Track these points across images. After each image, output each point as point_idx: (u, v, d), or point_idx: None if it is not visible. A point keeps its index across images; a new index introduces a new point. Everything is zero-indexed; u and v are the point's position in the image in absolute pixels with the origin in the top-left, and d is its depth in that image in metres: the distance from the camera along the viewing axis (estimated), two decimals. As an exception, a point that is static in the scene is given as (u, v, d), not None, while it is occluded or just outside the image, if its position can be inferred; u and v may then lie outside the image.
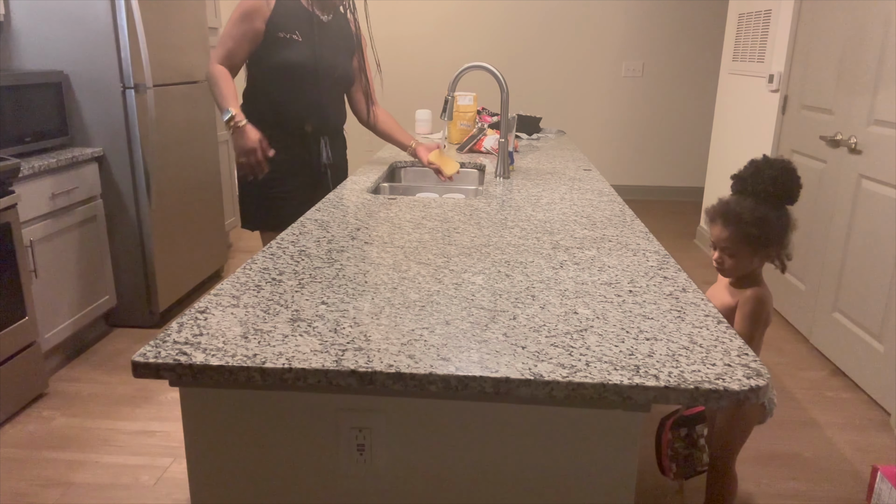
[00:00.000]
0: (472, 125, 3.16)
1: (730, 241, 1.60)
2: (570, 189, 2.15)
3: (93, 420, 2.39)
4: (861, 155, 2.72)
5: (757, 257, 1.61)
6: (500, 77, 2.27)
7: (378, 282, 1.25)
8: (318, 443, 1.00)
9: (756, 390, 0.88)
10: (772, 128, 3.53)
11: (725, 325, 1.08)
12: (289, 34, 2.15)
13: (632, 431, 0.96)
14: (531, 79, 5.85)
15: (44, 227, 2.59)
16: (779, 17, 3.52)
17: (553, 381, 0.89)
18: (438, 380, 0.91)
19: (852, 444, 2.31)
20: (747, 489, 2.06)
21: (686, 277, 1.31)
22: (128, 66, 2.85)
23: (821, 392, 2.66)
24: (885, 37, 2.59)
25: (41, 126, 2.71)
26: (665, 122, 5.91)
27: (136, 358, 0.94)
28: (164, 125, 3.12)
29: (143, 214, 3.02)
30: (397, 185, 2.50)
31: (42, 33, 2.80)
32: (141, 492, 2.02)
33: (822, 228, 3.01)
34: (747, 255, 1.60)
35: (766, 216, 1.57)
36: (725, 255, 1.62)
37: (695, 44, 5.69)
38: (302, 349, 0.97)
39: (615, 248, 1.50)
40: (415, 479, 1.01)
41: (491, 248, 1.49)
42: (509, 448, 0.98)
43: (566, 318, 1.09)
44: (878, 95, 2.62)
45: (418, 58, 5.86)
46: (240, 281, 1.25)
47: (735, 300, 1.63)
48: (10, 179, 2.35)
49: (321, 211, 1.81)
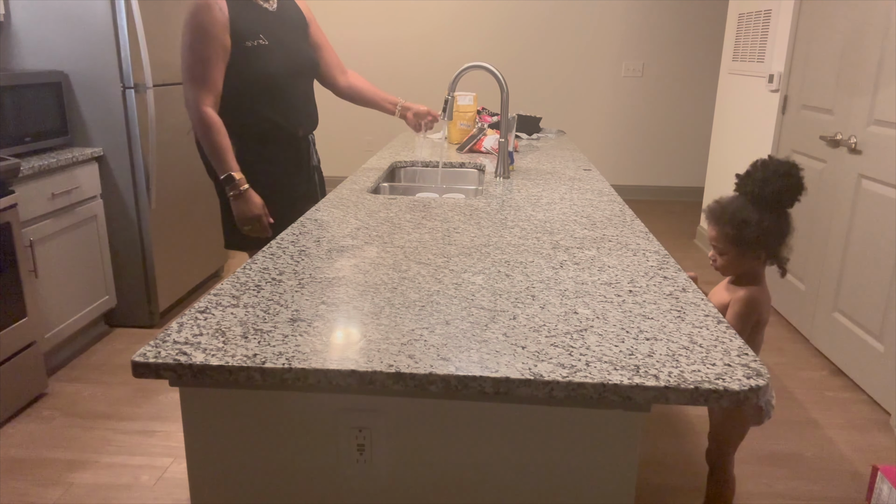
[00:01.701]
0: (472, 125, 3.16)
1: (717, 240, 1.64)
2: (570, 189, 2.15)
3: (93, 420, 2.39)
4: (861, 155, 2.72)
5: (747, 257, 1.61)
6: (500, 77, 2.27)
7: (378, 282, 1.25)
8: (318, 443, 1.00)
9: (756, 390, 0.88)
10: (772, 128, 3.53)
11: (725, 325, 1.08)
12: (255, 41, 1.96)
13: (632, 431, 0.96)
14: (531, 79, 5.85)
15: (44, 227, 2.59)
16: (779, 17, 3.52)
17: (553, 381, 0.89)
18: (438, 380, 0.91)
19: (852, 444, 2.31)
20: (747, 489, 2.06)
21: (686, 277, 1.31)
22: (128, 66, 2.85)
23: (821, 392, 2.66)
24: (885, 37, 2.59)
25: (41, 126, 2.71)
26: (665, 122, 5.90)
27: (136, 358, 0.94)
28: (164, 125, 3.12)
29: (143, 214, 3.02)
30: (397, 185, 2.50)
31: (42, 33, 2.80)
32: (141, 492, 2.02)
33: (822, 228, 3.01)
34: (735, 255, 1.62)
35: (746, 217, 1.58)
36: (717, 254, 1.65)
37: (695, 44, 5.69)
38: (302, 349, 0.97)
39: (615, 248, 1.50)
40: (415, 479, 1.01)
41: (491, 248, 1.49)
42: (509, 448, 0.98)
43: (566, 318, 1.09)
44: (878, 95, 2.62)
45: (418, 58, 5.85)
46: (240, 281, 1.25)
47: (730, 298, 1.63)
48: (10, 179, 2.35)
49: (321, 211, 1.81)
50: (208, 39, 1.87)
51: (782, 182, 1.56)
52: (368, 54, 5.83)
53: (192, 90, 1.89)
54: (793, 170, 1.58)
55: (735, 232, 1.59)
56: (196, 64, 1.88)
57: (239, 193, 1.96)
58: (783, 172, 1.57)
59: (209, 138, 1.92)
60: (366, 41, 5.83)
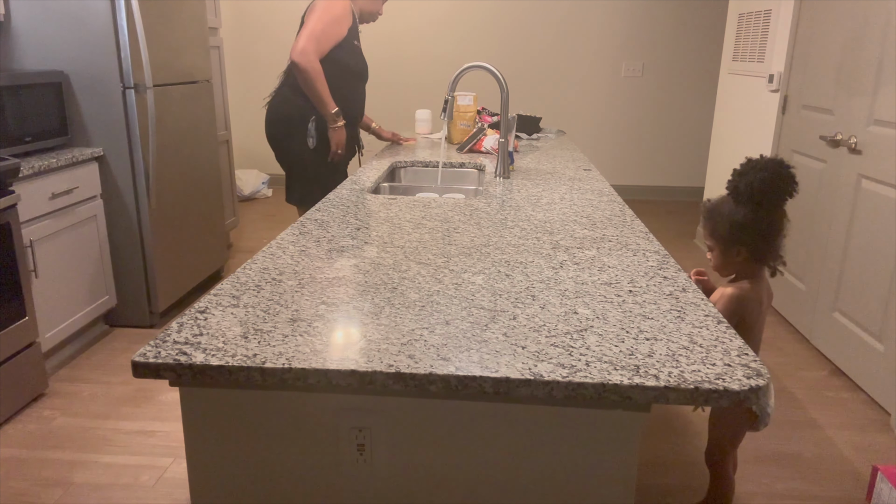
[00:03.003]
0: (472, 125, 3.16)
1: (705, 236, 1.67)
2: (570, 189, 2.15)
3: (93, 420, 2.39)
4: (861, 155, 2.72)
5: (731, 254, 1.62)
6: (500, 77, 2.27)
7: (378, 282, 1.25)
8: (318, 443, 1.00)
9: (756, 390, 0.88)
10: (772, 128, 3.53)
11: (725, 325, 1.08)
12: (357, 41, 2.67)
13: (632, 431, 0.96)
14: (531, 79, 5.85)
15: (44, 227, 2.59)
16: (779, 17, 3.52)
17: (553, 381, 0.89)
18: (438, 380, 0.91)
19: (852, 444, 2.31)
20: (747, 489, 2.06)
21: (686, 277, 1.31)
22: (128, 66, 2.85)
23: (821, 392, 2.66)
24: (885, 37, 2.59)
25: (41, 126, 2.71)
26: (665, 122, 5.91)
27: (136, 358, 0.94)
28: (164, 125, 3.12)
29: (143, 214, 3.02)
30: (397, 185, 2.50)
31: (42, 33, 2.80)
32: (141, 492, 2.02)
33: (822, 228, 3.01)
34: (719, 251, 1.64)
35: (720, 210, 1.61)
36: (708, 250, 1.69)
37: (695, 44, 5.69)
38: (302, 349, 0.97)
39: (615, 248, 1.50)
40: (415, 479, 1.01)
41: (491, 248, 1.49)
42: (509, 448, 0.98)
43: (566, 318, 1.09)
44: (878, 95, 2.62)
45: (418, 58, 5.85)
46: (240, 281, 1.25)
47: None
48: (10, 179, 2.35)
49: (321, 211, 1.81)
50: (336, 23, 2.51)
51: (758, 176, 1.55)
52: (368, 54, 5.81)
53: (311, 45, 2.44)
54: (773, 166, 1.57)
55: (711, 225, 1.63)
56: (323, 33, 2.46)
57: (341, 125, 2.63)
58: (761, 167, 1.56)
59: (318, 82, 2.49)
60: (366, 41, 5.82)
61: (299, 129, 2.67)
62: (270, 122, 2.74)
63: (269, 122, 2.75)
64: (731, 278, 1.68)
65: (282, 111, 2.70)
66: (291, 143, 2.71)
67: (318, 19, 2.48)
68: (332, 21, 2.48)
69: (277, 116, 2.71)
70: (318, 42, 2.46)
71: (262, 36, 5.89)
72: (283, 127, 2.70)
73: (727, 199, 1.63)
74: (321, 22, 2.47)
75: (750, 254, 1.61)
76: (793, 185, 1.57)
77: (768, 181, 1.55)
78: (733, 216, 1.59)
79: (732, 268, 1.65)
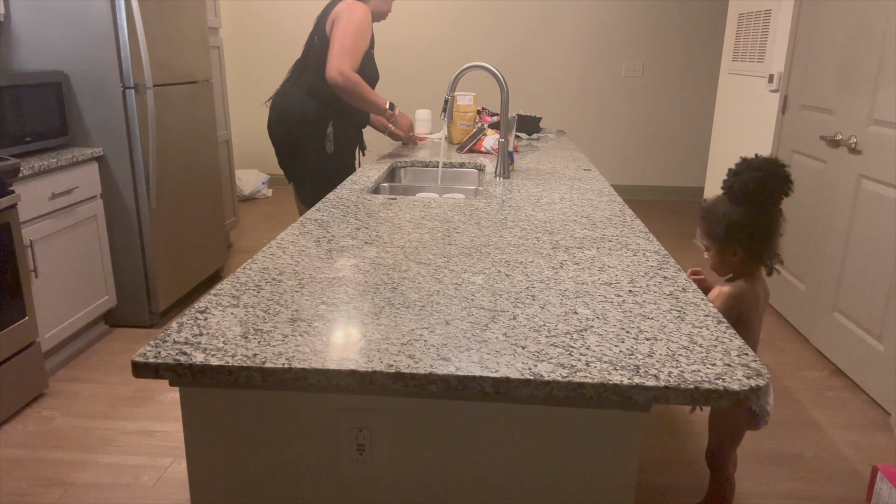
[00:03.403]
0: (472, 125, 3.16)
1: (702, 236, 1.68)
2: (570, 189, 2.15)
3: (93, 420, 2.39)
4: (861, 155, 2.72)
5: (727, 254, 1.62)
6: (500, 77, 2.27)
7: (378, 282, 1.25)
8: (318, 443, 1.00)
9: (756, 390, 0.88)
10: (772, 128, 3.53)
11: (725, 325, 1.08)
12: (372, 49, 2.72)
13: (632, 431, 0.96)
14: (531, 79, 5.85)
15: (44, 227, 2.59)
16: (779, 17, 3.52)
17: (553, 381, 0.89)
18: (438, 380, 0.91)
19: (852, 444, 2.31)
20: (747, 489, 2.06)
21: (686, 277, 1.31)
22: (128, 66, 2.85)
23: (821, 392, 2.66)
24: (885, 37, 2.59)
25: (41, 126, 2.71)
26: (665, 122, 5.91)
27: (136, 358, 0.94)
28: (164, 125, 3.12)
29: (143, 214, 3.02)
30: (397, 185, 2.50)
31: (42, 33, 2.80)
32: (141, 492, 2.02)
33: (822, 228, 3.01)
34: (715, 250, 1.64)
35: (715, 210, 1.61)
36: (706, 250, 1.69)
37: (695, 44, 5.69)
38: (302, 349, 0.97)
39: (615, 248, 1.50)
40: (415, 479, 1.01)
41: (491, 248, 1.49)
42: (509, 448, 0.98)
43: (566, 318, 1.09)
44: (878, 95, 2.62)
45: (418, 58, 5.86)
46: (240, 281, 1.25)
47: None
48: (10, 179, 2.35)
49: (321, 211, 1.81)
50: (364, 37, 2.58)
51: (752, 176, 1.56)
52: (368, 54, 5.83)
53: (345, 63, 2.51)
54: (767, 165, 1.57)
55: (707, 225, 1.63)
56: (354, 48, 2.53)
57: (398, 113, 2.77)
58: (755, 167, 1.57)
59: (364, 90, 2.57)
60: (366, 41, 5.83)
61: (318, 134, 2.68)
62: (283, 121, 2.71)
63: (281, 120, 2.72)
64: (728, 277, 1.68)
65: (300, 113, 2.67)
66: (309, 146, 2.70)
67: (345, 34, 2.51)
68: (359, 35, 2.53)
69: (294, 117, 2.68)
70: (352, 57, 2.52)
71: (262, 36, 5.89)
72: (300, 129, 2.69)
73: (723, 199, 1.63)
74: (349, 36, 2.51)
75: (746, 253, 1.61)
76: (787, 184, 1.58)
77: (763, 181, 1.56)
78: (729, 216, 1.59)
79: (729, 267, 1.66)
